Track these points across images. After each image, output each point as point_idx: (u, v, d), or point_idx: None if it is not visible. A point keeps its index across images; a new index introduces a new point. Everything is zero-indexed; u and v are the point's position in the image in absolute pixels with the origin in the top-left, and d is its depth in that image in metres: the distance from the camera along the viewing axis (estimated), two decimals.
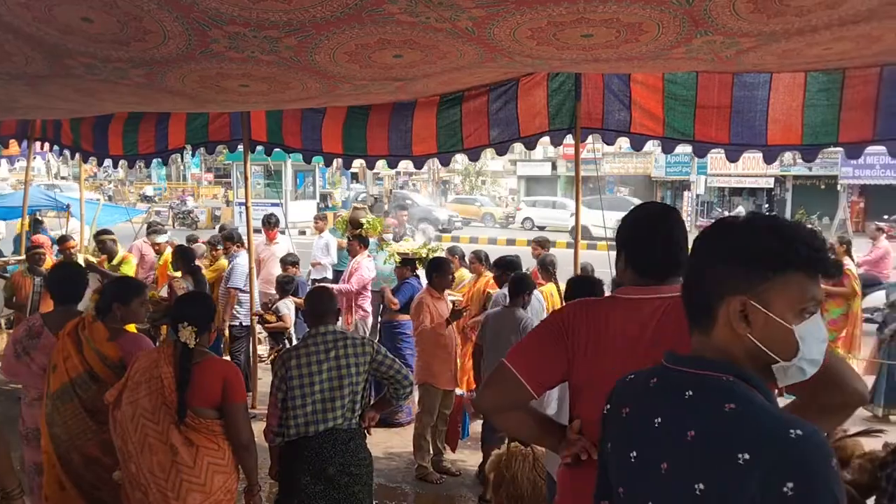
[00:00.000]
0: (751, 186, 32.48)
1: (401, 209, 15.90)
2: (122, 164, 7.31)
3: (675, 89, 4.59)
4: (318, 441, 3.28)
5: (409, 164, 5.84)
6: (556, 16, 2.61)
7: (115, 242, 7.86)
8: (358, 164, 6.60)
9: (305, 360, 3.33)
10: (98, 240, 7.93)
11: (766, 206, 31.60)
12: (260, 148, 6.43)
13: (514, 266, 5.75)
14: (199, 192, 36.53)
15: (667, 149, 4.94)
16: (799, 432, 1.10)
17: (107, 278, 6.49)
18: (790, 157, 24.45)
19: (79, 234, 9.61)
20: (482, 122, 5.14)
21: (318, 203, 26.18)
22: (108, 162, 7.30)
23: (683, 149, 5.03)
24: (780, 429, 1.11)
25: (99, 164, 8.16)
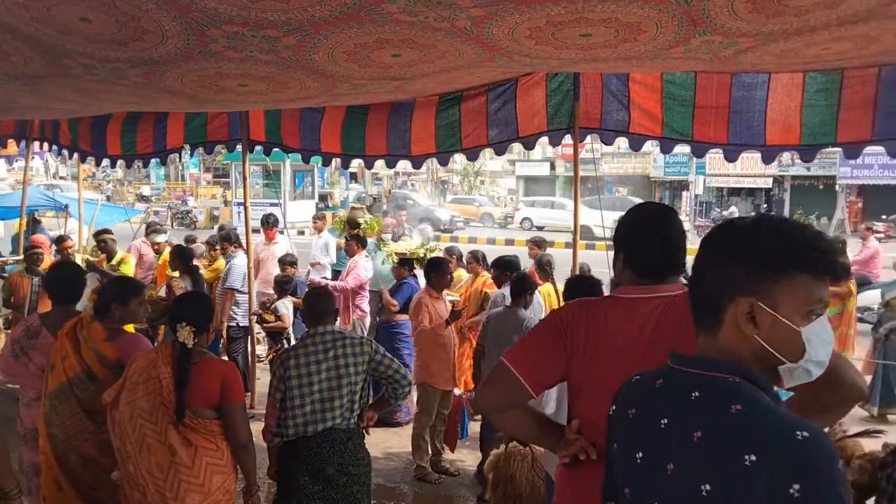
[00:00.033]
0: (749, 186, 32.51)
1: (399, 209, 15.89)
2: (119, 163, 7.29)
3: (674, 89, 4.59)
4: (316, 441, 3.27)
5: (407, 164, 5.83)
6: (555, 15, 2.61)
7: (115, 242, 7.85)
8: (356, 164, 6.59)
9: (304, 360, 3.33)
10: (98, 239, 7.92)
11: (765, 206, 31.62)
12: (258, 148, 6.42)
13: (513, 266, 5.73)
14: (198, 192, 36.51)
15: (665, 149, 4.94)
16: (805, 434, 1.10)
17: (107, 278, 6.48)
18: (788, 158, 24.46)
19: (77, 234, 9.60)
20: (481, 122, 5.14)
21: (316, 203, 26.15)
22: (105, 162, 7.29)
23: (682, 149, 5.03)
24: (787, 430, 1.12)
25: (97, 164, 8.14)
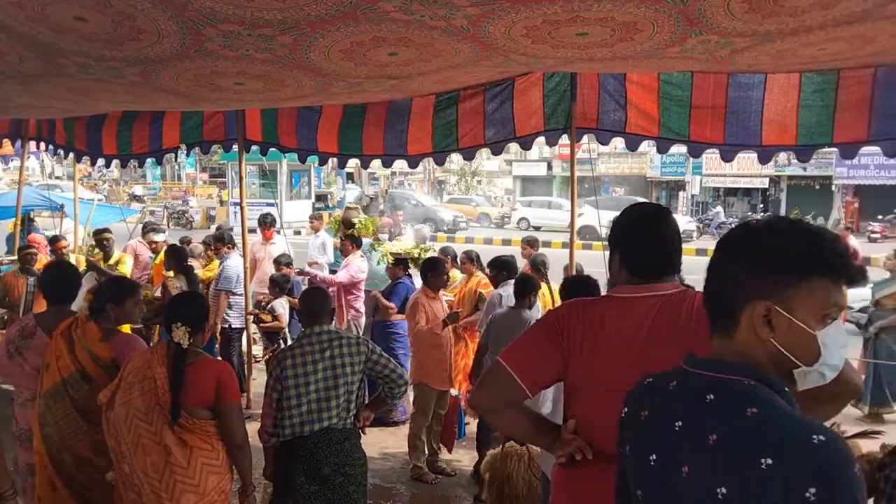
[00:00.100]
0: (746, 186, 32.57)
1: (396, 209, 15.86)
2: (115, 163, 7.27)
3: (671, 89, 4.59)
4: (313, 441, 3.27)
5: (404, 164, 5.82)
6: (551, 14, 2.61)
7: (113, 242, 7.84)
8: (353, 164, 6.58)
9: (301, 360, 3.32)
10: (97, 238, 7.90)
11: (761, 206, 31.69)
12: (255, 148, 6.40)
13: (510, 266, 5.72)
14: (194, 191, 36.48)
15: (662, 149, 4.93)
16: (822, 438, 1.10)
17: (105, 278, 6.46)
18: (785, 158, 24.49)
19: (73, 234, 9.57)
20: (478, 122, 5.13)
21: (314, 203, 26.12)
22: (101, 161, 7.26)
23: (678, 149, 5.02)
24: (803, 434, 1.11)
25: (92, 164, 8.11)
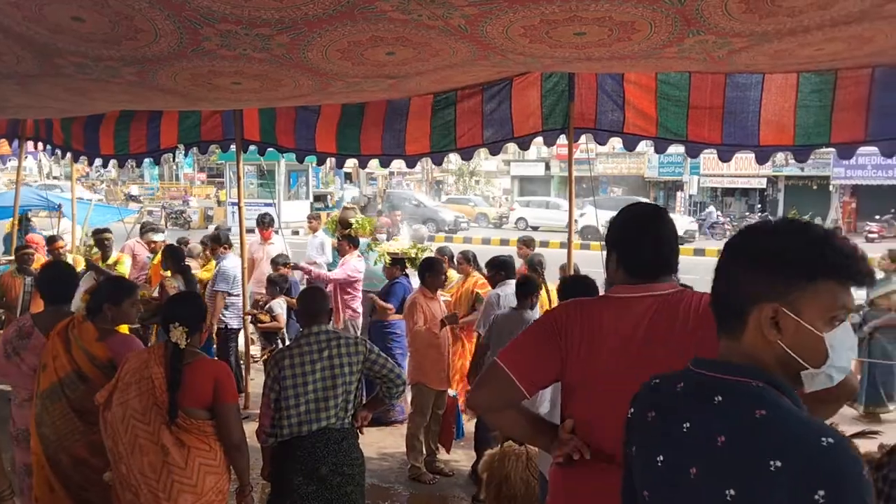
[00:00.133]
0: (743, 187, 32.63)
1: (394, 209, 15.86)
2: (112, 163, 7.26)
3: (668, 90, 4.59)
4: (310, 441, 3.27)
5: (402, 164, 5.82)
6: (549, 14, 2.61)
7: (112, 242, 7.84)
8: (351, 164, 6.57)
9: (299, 360, 3.32)
10: (98, 238, 7.90)
11: (759, 206, 31.74)
12: (253, 148, 6.39)
13: (507, 266, 5.71)
14: (192, 191, 36.46)
15: (659, 149, 4.93)
16: (830, 440, 1.10)
17: (104, 277, 6.45)
18: (782, 158, 24.54)
19: (70, 234, 9.55)
20: (476, 122, 5.13)
21: (313, 203, 26.11)
22: (98, 161, 7.25)
23: (676, 149, 5.03)
24: (812, 436, 1.11)
25: (89, 164, 8.10)
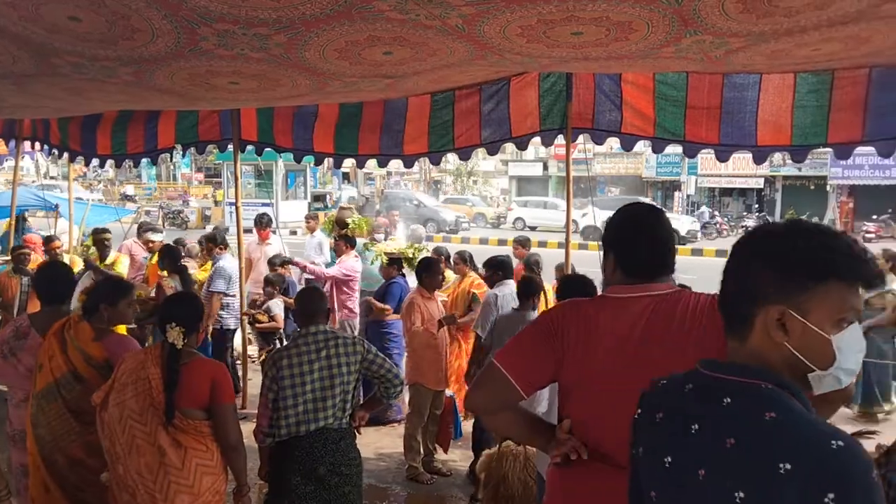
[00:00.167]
0: (741, 187, 32.68)
1: (392, 209, 15.85)
2: (109, 163, 7.24)
3: (666, 90, 4.59)
4: (308, 441, 3.26)
5: (399, 164, 5.82)
6: (546, 14, 2.61)
7: (111, 242, 7.83)
8: (348, 164, 6.57)
9: (297, 360, 3.32)
10: (98, 238, 7.89)
11: (756, 206, 31.79)
12: (250, 148, 6.38)
13: (505, 266, 5.71)
14: (190, 191, 36.45)
15: (657, 149, 4.94)
16: (840, 443, 1.10)
17: (102, 277, 6.43)
18: (780, 158, 24.57)
19: (67, 234, 9.53)
20: (474, 122, 5.13)
21: (311, 203, 26.09)
22: (95, 162, 7.23)
23: (674, 149, 5.03)
24: (822, 439, 1.11)
25: (87, 164, 8.07)
